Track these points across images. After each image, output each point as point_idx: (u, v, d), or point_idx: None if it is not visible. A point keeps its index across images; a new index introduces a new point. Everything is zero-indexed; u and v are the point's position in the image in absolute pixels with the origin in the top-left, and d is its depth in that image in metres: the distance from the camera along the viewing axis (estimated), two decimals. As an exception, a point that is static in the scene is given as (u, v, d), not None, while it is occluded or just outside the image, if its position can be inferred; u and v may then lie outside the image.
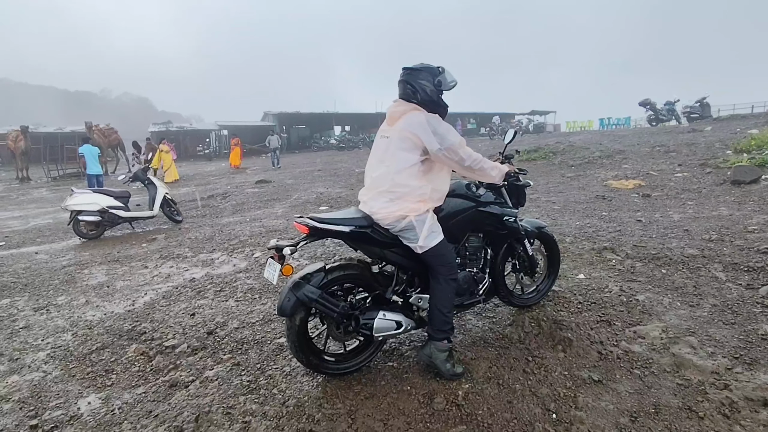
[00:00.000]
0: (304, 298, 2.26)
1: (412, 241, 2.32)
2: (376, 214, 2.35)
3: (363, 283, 2.51)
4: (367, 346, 2.57)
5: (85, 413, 2.35)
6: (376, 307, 2.47)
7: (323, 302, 2.31)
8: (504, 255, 3.00)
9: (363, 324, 2.40)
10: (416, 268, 2.51)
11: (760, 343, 2.55)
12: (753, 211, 5.40)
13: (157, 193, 7.57)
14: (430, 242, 2.31)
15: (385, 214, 2.31)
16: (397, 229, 2.33)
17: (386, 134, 2.45)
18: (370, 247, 2.42)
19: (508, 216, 2.84)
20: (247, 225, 7.01)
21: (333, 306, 2.33)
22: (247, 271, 4.59)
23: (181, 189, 13.47)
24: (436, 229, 2.36)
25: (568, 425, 2.01)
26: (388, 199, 2.32)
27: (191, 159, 31.95)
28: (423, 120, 2.29)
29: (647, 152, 10.94)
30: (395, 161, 2.32)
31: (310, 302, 2.28)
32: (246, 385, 2.47)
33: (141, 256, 5.57)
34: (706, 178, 7.67)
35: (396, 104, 2.46)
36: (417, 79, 2.40)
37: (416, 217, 2.29)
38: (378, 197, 2.35)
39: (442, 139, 2.28)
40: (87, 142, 13.63)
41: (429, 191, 2.36)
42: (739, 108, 28.39)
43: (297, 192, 10.46)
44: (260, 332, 3.12)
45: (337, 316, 2.35)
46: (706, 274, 3.58)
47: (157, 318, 3.52)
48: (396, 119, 2.39)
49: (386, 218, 2.32)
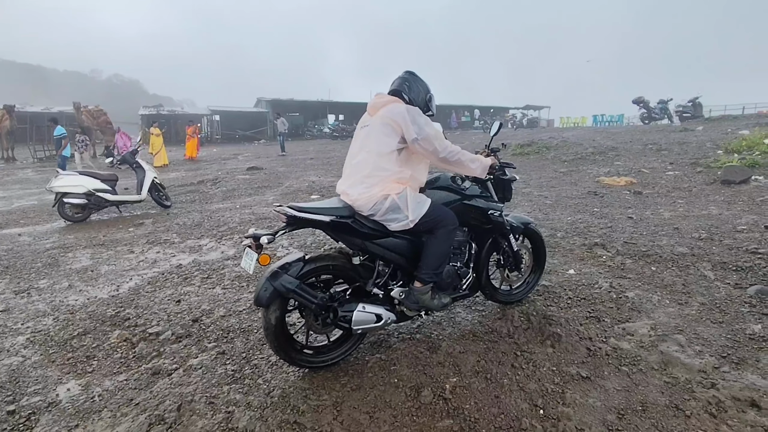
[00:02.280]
0: (281, 288, 2.20)
1: (401, 220, 2.29)
2: (356, 201, 2.32)
3: (343, 275, 2.46)
4: (347, 338, 2.51)
5: (63, 400, 2.29)
6: (355, 300, 2.42)
7: (301, 293, 2.25)
8: (488, 250, 2.94)
9: (341, 317, 2.34)
10: (398, 261, 2.46)
11: (747, 342, 2.55)
12: (742, 211, 5.44)
13: (145, 177, 7.44)
14: (419, 211, 2.32)
15: (366, 198, 2.29)
16: (382, 212, 2.30)
17: (367, 123, 2.49)
18: (351, 238, 2.36)
19: (493, 210, 2.81)
20: (237, 212, 6.93)
21: (311, 297, 2.28)
22: (235, 258, 4.53)
23: (171, 174, 13.28)
24: (420, 199, 2.38)
25: (555, 421, 1.99)
26: (368, 185, 2.31)
27: (182, 144, 31.52)
28: (403, 109, 2.35)
29: (639, 150, 10.99)
30: (376, 145, 2.36)
31: (287, 293, 2.22)
32: (230, 375, 2.42)
33: (127, 241, 5.47)
34: (697, 177, 7.71)
35: (378, 96, 2.54)
36: (416, 83, 2.59)
37: (397, 195, 2.30)
38: (357, 184, 2.35)
39: (420, 129, 2.32)
40: (57, 123, 13.07)
41: (408, 176, 2.38)
42: (730, 109, 28.63)
43: (288, 180, 10.36)
44: (247, 321, 3.07)
45: (315, 307, 2.30)
46: (695, 273, 3.59)
47: (141, 304, 3.45)
48: (377, 110, 2.45)
49: (368, 202, 2.29)
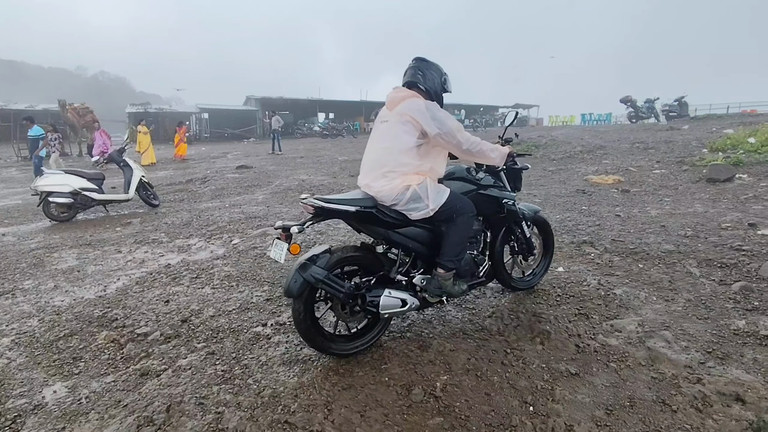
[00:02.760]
0: (310, 278, 2.30)
1: (422, 209, 2.40)
2: (379, 193, 2.41)
3: (366, 265, 2.55)
4: (373, 326, 2.61)
5: (50, 402, 2.25)
6: (381, 286, 2.50)
7: (329, 283, 2.34)
8: (503, 238, 3.08)
9: (369, 302, 2.44)
10: (419, 249, 2.58)
11: (732, 338, 2.60)
12: (726, 209, 5.53)
13: (132, 176, 7.35)
14: (439, 200, 2.42)
15: (389, 190, 2.39)
16: (404, 202, 2.40)
17: (386, 119, 2.55)
18: (375, 228, 2.48)
19: (507, 199, 2.94)
20: (226, 211, 6.88)
21: (339, 286, 2.37)
22: (224, 257, 4.49)
23: (159, 172, 13.14)
24: (440, 189, 2.47)
25: (545, 418, 2.01)
26: (390, 178, 2.40)
27: (170, 142, 31.16)
28: (422, 106, 2.42)
29: (627, 149, 11.12)
30: (396, 142, 2.43)
31: (316, 283, 2.31)
32: (220, 375, 2.40)
33: (114, 241, 5.40)
34: (683, 176, 7.83)
35: (396, 90, 2.58)
36: (428, 69, 2.60)
37: (418, 186, 2.39)
38: (380, 178, 2.43)
39: (441, 124, 2.39)
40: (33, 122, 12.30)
41: (428, 168, 2.47)
42: (715, 108, 29.07)
43: (278, 179, 10.30)
44: (236, 321, 3.05)
45: (342, 296, 2.39)
46: (681, 270, 3.65)
47: (129, 304, 3.41)
48: (395, 104, 2.50)
49: (390, 193, 2.39)
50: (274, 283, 3.72)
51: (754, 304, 3.00)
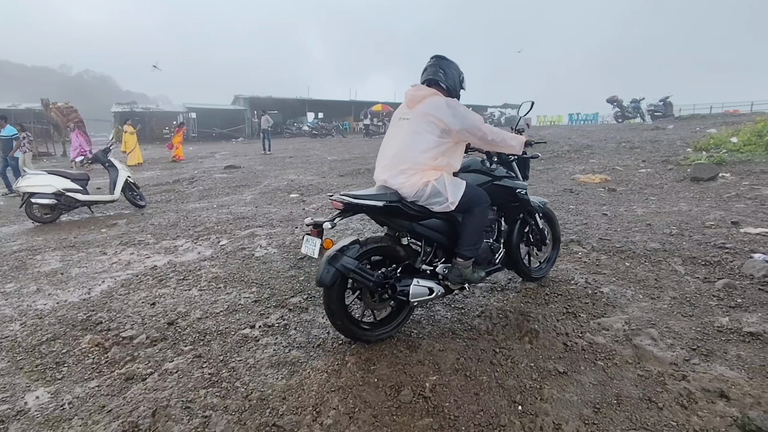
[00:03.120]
0: (342, 268, 2.39)
1: (442, 203, 2.51)
2: (400, 189, 2.51)
3: (392, 255, 2.65)
4: (397, 314, 2.73)
5: (32, 408, 2.21)
6: (407, 276, 2.62)
7: (360, 272, 2.45)
8: (519, 228, 3.24)
9: (400, 290, 2.56)
10: (440, 240, 2.70)
11: (715, 335, 2.64)
12: (710, 207, 5.62)
13: (118, 176, 7.25)
14: (457, 193, 2.52)
15: (410, 186, 2.49)
16: (425, 197, 2.50)
17: (407, 116, 2.62)
18: (399, 221, 2.59)
19: (520, 189, 3.10)
20: (214, 211, 6.81)
21: (369, 276, 2.48)
22: (212, 259, 4.45)
23: (145, 173, 12.98)
24: (457, 182, 2.57)
25: (533, 417, 2.02)
26: (408, 175, 2.50)
27: (157, 142, 30.83)
28: (443, 103, 2.51)
29: (613, 148, 11.25)
30: (418, 141, 2.52)
31: (348, 273, 2.41)
32: (207, 378, 2.38)
33: (99, 242, 5.32)
34: (668, 175, 7.94)
35: (416, 88, 2.65)
36: (449, 67, 2.70)
37: (436, 181, 2.50)
38: (398, 175, 2.52)
39: (464, 119, 2.51)
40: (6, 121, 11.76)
41: (444, 164, 2.58)
42: (698, 108, 29.57)
43: (267, 179, 10.23)
44: (224, 323, 3.02)
45: (372, 285, 2.49)
46: (666, 268, 3.69)
47: (114, 307, 3.35)
48: (417, 102, 2.58)
49: (411, 189, 2.49)
50: (263, 284, 3.69)
51: (737, 302, 3.05)
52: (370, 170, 10.58)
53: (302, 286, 3.61)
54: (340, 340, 2.72)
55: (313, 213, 6.32)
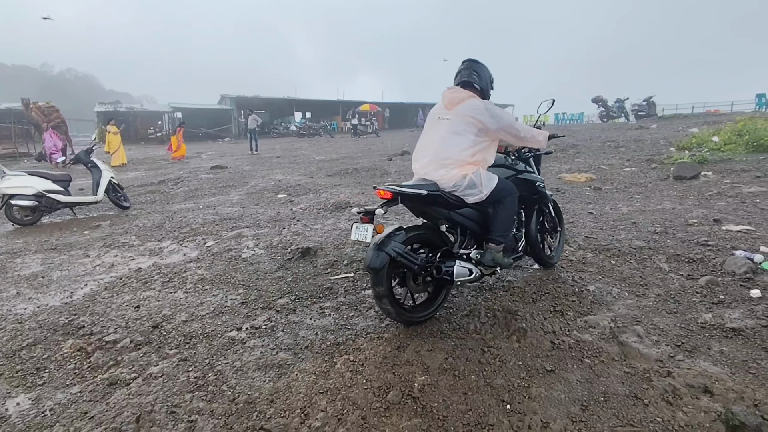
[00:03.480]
0: (392, 252, 2.56)
1: (477, 194, 2.75)
2: (440, 180, 2.74)
3: (431, 242, 2.89)
4: (436, 297, 2.94)
5: (13, 415, 2.15)
6: (449, 259, 2.83)
7: (406, 256, 2.63)
8: (537, 217, 3.55)
9: (446, 271, 2.75)
10: (473, 228, 2.95)
11: (699, 331, 2.68)
12: (693, 206, 5.71)
13: (101, 177, 7.11)
14: (490, 185, 2.78)
15: (449, 178, 2.73)
16: (462, 188, 2.73)
17: (446, 116, 2.85)
18: (440, 209, 2.82)
19: (539, 182, 3.44)
20: (200, 212, 6.73)
21: (414, 259, 2.68)
22: (198, 260, 4.39)
23: (130, 173, 12.79)
24: (490, 176, 2.83)
25: (521, 416, 2.02)
26: (449, 168, 2.74)
27: (142, 142, 30.43)
28: (481, 106, 2.78)
29: (599, 147, 11.39)
30: (458, 140, 2.76)
31: (396, 257, 2.58)
32: (193, 382, 2.34)
33: (82, 245, 5.21)
34: (652, 173, 8.06)
35: (452, 90, 2.90)
36: (481, 70, 2.98)
37: (473, 174, 2.75)
38: (439, 168, 2.76)
39: (500, 119, 2.79)
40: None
41: (480, 159, 2.85)
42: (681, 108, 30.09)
43: (254, 179, 10.15)
44: (210, 325, 2.98)
45: (417, 267, 2.70)
46: (651, 265, 3.74)
47: (97, 311, 3.29)
48: (456, 104, 2.82)
49: (450, 180, 2.73)
50: (249, 286, 3.65)
51: (719, 298, 3.10)
52: (358, 170, 10.56)
53: (290, 287, 3.58)
54: (328, 341, 2.70)
55: (301, 213, 6.28)
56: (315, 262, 4.13)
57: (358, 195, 7.39)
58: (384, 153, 14.16)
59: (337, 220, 5.67)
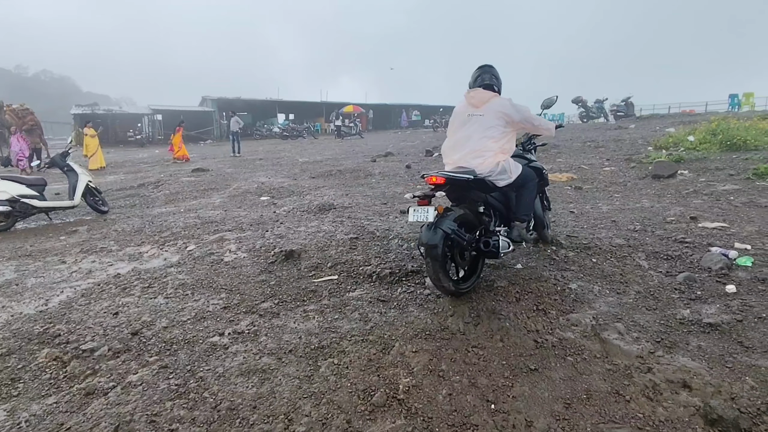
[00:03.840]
0: (447, 230, 2.93)
1: (506, 179, 3.26)
2: (478, 168, 3.19)
3: (469, 222, 3.25)
4: (474, 270, 3.34)
5: (-16, 429, 2.07)
6: (491, 235, 3.27)
7: (458, 234, 3.02)
8: (541, 200, 4.12)
9: (493, 245, 3.18)
10: (501, 209, 3.46)
11: (678, 327, 2.73)
12: (671, 203, 5.84)
13: (78, 181, 6.94)
14: (516, 172, 3.32)
15: (486, 165, 3.21)
16: (495, 174, 3.22)
17: (478, 113, 3.34)
18: (478, 192, 3.28)
19: (544, 169, 4.00)
20: (181, 216, 6.61)
21: (463, 236, 3.07)
22: (179, 265, 4.31)
23: (108, 177, 12.52)
24: (515, 164, 3.37)
25: (506, 415, 2.04)
26: (485, 157, 3.23)
27: (121, 145, 29.82)
28: (507, 102, 3.34)
29: (579, 147, 11.56)
30: (491, 132, 3.27)
31: (451, 234, 2.95)
32: (174, 390, 2.29)
33: (58, 250, 5.08)
34: (631, 172, 8.22)
35: (476, 92, 3.42)
36: (496, 75, 3.56)
37: (504, 161, 3.28)
38: (476, 157, 3.24)
39: (522, 112, 3.34)
40: None
41: (507, 149, 3.39)
42: (658, 108, 30.80)
43: (236, 181, 10.03)
44: (191, 331, 2.92)
45: (465, 243, 3.11)
46: (631, 263, 3.81)
47: (74, 318, 3.20)
48: (485, 102, 3.34)
49: (486, 167, 3.21)
50: (232, 290, 3.60)
51: (696, 294, 3.17)
52: (342, 172, 10.53)
53: (273, 291, 3.54)
54: (312, 345, 2.67)
55: (284, 216, 6.22)
56: (299, 265, 4.10)
57: (342, 197, 7.36)
58: (368, 154, 14.15)
59: (321, 222, 5.63)
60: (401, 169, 10.46)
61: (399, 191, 7.88)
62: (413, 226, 5.03)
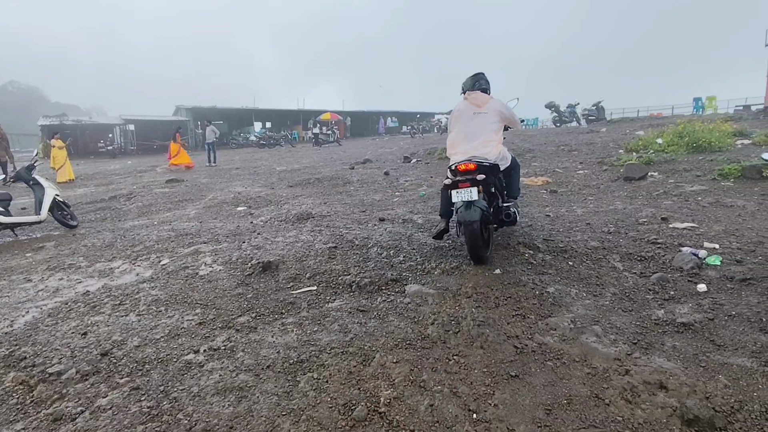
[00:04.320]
0: (483, 207, 3.68)
1: (505, 163, 4.22)
2: (488, 155, 3.97)
3: (489, 200, 3.95)
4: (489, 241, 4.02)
5: (-61, 463, 1.95)
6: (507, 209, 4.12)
7: (487, 209, 3.74)
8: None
9: (513, 216, 4.08)
10: (502, 188, 4.26)
11: (653, 328, 2.78)
12: (642, 205, 5.98)
13: (44, 195, 6.69)
14: (509, 157, 4.35)
15: (494, 153, 4.04)
16: (499, 159, 4.09)
17: (482, 111, 4.17)
18: (494, 175, 3.98)
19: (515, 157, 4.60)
20: (155, 229, 6.44)
21: (489, 212, 3.83)
22: (152, 280, 4.18)
23: (78, 190, 12.14)
24: (508, 152, 4.36)
25: (487, 424, 2.02)
26: (491, 147, 4.05)
27: (91, 156, 29.03)
28: (502, 102, 4.33)
29: (553, 151, 11.77)
30: (492, 127, 4.15)
31: (485, 210, 3.70)
32: (146, 413, 2.20)
33: (24, 268, 4.87)
34: (603, 175, 8.39)
35: (477, 94, 4.30)
36: (487, 80, 4.44)
37: (504, 149, 4.24)
38: (485, 146, 4.03)
39: (510, 110, 4.33)
40: None
41: (501, 140, 4.29)
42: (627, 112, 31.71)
43: (212, 192, 9.85)
44: (165, 349, 2.82)
45: (492, 216, 3.94)
46: (606, 265, 3.87)
47: (40, 340, 3.06)
48: (485, 102, 4.22)
49: (494, 154, 4.03)
50: (207, 304, 3.51)
51: (670, 294, 3.24)
52: (320, 180, 10.46)
53: (250, 304, 3.47)
54: (290, 359, 2.62)
55: (261, 226, 6.12)
56: (276, 277, 4.03)
57: (320, 205, 7.30)
58: (346, 162, 14.11)
59: (299, 231, 5.56)
60: (380, 176, 10.46)
61: (378, 198, 7.86)
62: (392, 234, 5.02)
